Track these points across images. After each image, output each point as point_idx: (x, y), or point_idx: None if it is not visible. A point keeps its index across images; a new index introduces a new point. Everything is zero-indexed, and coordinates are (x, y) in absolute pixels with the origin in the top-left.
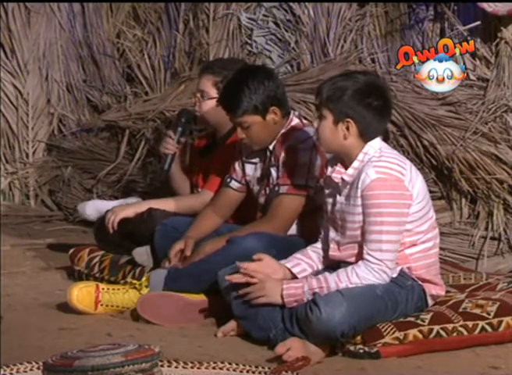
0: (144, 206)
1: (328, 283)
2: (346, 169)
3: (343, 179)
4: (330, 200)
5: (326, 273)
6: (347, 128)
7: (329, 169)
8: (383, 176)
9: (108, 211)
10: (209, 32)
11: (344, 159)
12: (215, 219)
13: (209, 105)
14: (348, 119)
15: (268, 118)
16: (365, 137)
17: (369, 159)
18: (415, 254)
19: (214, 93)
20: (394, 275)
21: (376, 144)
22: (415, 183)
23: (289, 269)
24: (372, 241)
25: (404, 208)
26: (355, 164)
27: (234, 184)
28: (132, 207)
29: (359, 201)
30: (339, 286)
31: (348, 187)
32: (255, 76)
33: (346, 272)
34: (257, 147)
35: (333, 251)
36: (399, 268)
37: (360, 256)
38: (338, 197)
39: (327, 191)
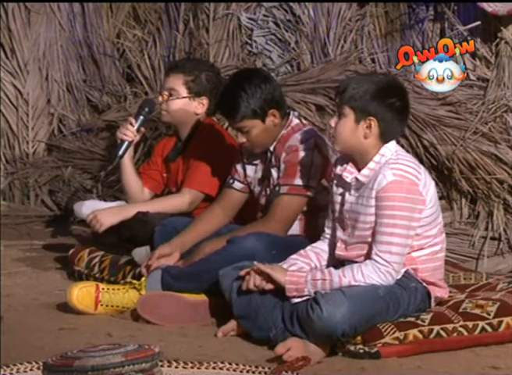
0: (128, 210)
1: (332, 277)
2: (357, 168)
3: (357, 179)
4: (339, 199)
5: (331, 268)
6: (369, 127)
7: (338, 167)
8: (400, 179)
9: (89, 214)
10: (209, 32)
11: (357, 159)
12: (216, 222)
13: (178, 105)
14: (371, 118)
15: (267, 121)
16: (385, 137)
17: (386, 161)
18: (422, 256)
19: (184, 92)
20: (398, 276)
21: (393, 147)
22: (429, 188)
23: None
24: (383, 242)
25: (417, 213)
26: (371, 165)
27: (237, 185)
28: (116, 214)
29: (372, 202)
30: (343, 281)
31: (361, 187)
32: (251, 80)
33: (351, 269)
34: (258, 150)
35: (340, 251)
36: (404, 269)
37: (367, 256)
38: (347, 196)
39: (335, 190)
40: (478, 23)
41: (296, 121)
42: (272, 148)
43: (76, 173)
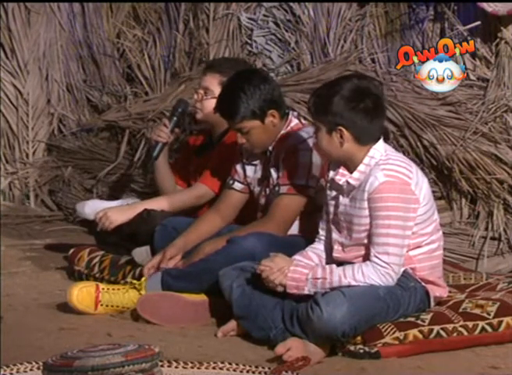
0: (137, 208)
1: (332, 276)
2: (349, 171)
3: (348, 182)
4: (333, 202)
5: (333, 265)
6: (341, 136)
7: (331, 172)
8: (392, 180)
9: (99, 212)
10: (209, 32)
11: (348, 163)
12: (217, 223)
13: (212, 104)
14: (339, 128)
15: (266, 121)
16: (362, 140)
17: (376, 163)
18: (419, 255)
19: (219, 92)
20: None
21: (381, 148)
22: (422, 186)
23: None
24: (379, 243)
25: (411, 213)
26: (361, 168)
27: (237, 186)
28: (126, 212)
29: (365, 205)
30: (342, 281)
31: (353, 190)
32: (250, 81)
33: (352, 268)
34: (259, 150)
35: (337, 253)
36: (402, 269)
37: (365, 258)
38: (341, 199)
39: (329, 193)
40: (478, 23)
41: (295, 121)
42: (271, 148)
43: (76, 173)
